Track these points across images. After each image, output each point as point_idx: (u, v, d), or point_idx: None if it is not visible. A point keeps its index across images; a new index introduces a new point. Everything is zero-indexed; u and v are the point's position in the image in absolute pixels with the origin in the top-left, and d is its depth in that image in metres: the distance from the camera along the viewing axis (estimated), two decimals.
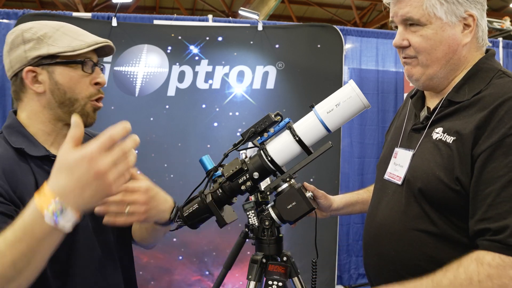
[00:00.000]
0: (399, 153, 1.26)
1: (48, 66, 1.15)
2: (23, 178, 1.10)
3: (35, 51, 1.13)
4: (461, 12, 1.12)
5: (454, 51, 1.14)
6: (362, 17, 10.74)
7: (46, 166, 1.15)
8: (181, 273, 3.19)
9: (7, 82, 3.24)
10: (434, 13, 1.11)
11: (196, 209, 1.36)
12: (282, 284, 1.34)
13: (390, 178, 1.26)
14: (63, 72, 1.16)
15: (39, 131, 1.19)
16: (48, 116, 1.18)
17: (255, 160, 1.33)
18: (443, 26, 1.12)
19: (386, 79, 4.09)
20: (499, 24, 5.91)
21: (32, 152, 1.14)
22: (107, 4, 9.22)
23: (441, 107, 1.17)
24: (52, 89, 1.16)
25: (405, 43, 1.17)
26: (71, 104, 1.17)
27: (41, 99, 1.17)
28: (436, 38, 1.13)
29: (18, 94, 1.19)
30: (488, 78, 1.12)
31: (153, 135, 3.12)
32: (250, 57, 3.23)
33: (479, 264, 0.98)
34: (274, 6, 7.80)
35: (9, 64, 1.17)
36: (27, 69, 1.14)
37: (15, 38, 1.16)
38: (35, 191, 0.83)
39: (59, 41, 1.15)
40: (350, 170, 3.99)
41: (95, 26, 3.12)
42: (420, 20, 1.13)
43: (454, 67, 1.17)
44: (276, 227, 1.36)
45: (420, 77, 1.19)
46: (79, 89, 1.18)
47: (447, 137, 1.11)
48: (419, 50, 1.15)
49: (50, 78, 1.15)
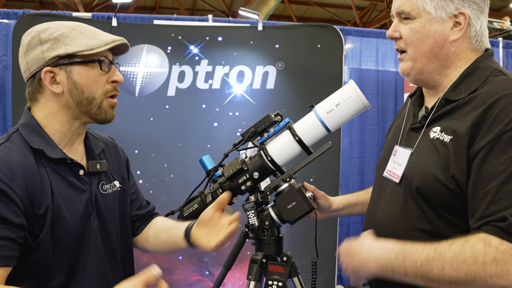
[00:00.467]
0: (399, 151, 1.26)
1: (66, 66, 1.14)
2: (41, 185, 1.11)
3: (53, 51, 1.13)
4: (452, 9, 1.14)
5: (441, 46, 1.16)
6: (362, 17, 10.74)
7: (61, 170, 1.16)
8: (181, 273, 3.19)
9: (7, 82, 3.24)
10: (424, 7, 1.15)
11: (196, 209, 1.37)
12: (282, 284, 1.34)
13: (389, 175, 1.27)
14: (81, 72, 1.16)
15: (56, 131, 1.19)
16: (66, 116, 1.18)
17: (255, 160, 1.33)
18: (431, 20, 1.16)
19: (386, 79, 4.09)
20: (499, 24, 5.91)
21: (50, 154, 1.14)
22: (107, 4, 9.22)
23: (438, 106, 1.18)
24: (71, 89, 1.16)
25: (396, 34, 1.22)
26: (89, 103, 1.18)
27: (59, 99, 1.17)
28: (423, 32, 1.17)
29: (35, 95, 1.18)
30: (484, 77, 1.13)
31: (153, 135, 3.12)
32: (250, 57, 3.23)
33: (486, 245, 0.96)
34: (274, 6, 7.80)
35: (26, 65, 1.16)
36: (46, 69, 1.13)
37: (31, 39, 1.15)
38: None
39: (76, 41, 1.15)
40: (350, 170, 3.99)
41: (95, 26, 3.06)
42: (411, 13, 1.17)
43: (443, 63, 1.19)
44: (276, 227, 1.36)
45: (410, 71, 1.22)
46: (96, 87, 1.18)
47: (444, 136, 1.12)
48: (407, 42, 1.20)
49: (68, 78, 1.15)
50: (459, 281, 0.98)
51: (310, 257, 1.42)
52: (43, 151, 1.13)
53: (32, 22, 3.01)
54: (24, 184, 1.07)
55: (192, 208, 1.37)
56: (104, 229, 1.25)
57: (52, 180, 1.13)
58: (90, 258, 1.19)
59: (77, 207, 1.17)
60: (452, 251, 0.98)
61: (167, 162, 3.12)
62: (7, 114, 3.29)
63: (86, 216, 1.19)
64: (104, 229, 1.25)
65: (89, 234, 1.20)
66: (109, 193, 1.29)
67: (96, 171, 1.25)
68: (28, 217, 1.07)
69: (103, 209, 1.25)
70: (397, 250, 1.05)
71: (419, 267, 1.00)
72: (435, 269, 0.99)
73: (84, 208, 1.19)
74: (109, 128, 1.24)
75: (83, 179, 1.21)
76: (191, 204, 1.38)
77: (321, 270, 2.89)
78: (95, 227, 1.22)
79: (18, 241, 1.05)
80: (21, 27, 2.92)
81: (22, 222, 1.05)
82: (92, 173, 1.24)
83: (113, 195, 1.30)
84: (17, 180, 1.06)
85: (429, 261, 0.99)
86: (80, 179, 1.20)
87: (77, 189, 1.18)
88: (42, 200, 1.10)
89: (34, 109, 1.20)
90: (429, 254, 1.00)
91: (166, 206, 1.59)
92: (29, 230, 1.08)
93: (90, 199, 1.21)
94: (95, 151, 1.29)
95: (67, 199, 1.15)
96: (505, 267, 0.94)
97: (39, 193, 1.09)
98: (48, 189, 1.11)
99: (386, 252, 1.07)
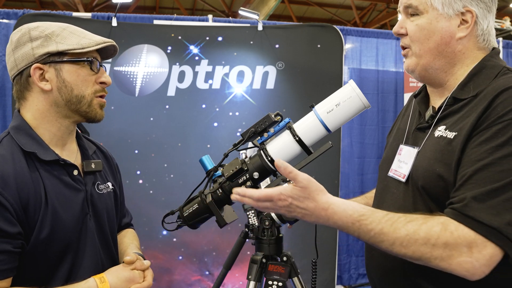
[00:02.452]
0: (404, 150, 1.25)
1: (55, 64, 1.14)
2: (34, 189, 1.11)
3: (43, 48, 1.13)
4: (459, 7, 1.14)
5: (447, 43, 1.16)
6: (362, 17, 10.74)
7: (55, 170, 1.16)
8: (181, 273, 3.19)
9: (7, 82, 3.24)
10: (431, 2, 1.15)
11: (196, 209, 1.36)
12: (282, 284, 1.34)
13: (394, 175, 1.26)
14: (71, 70, 1.16)
15: (46, 132, 1.18)
16: (55, 114, 1.18)
17: (255, 160, 1.33)
18: (438, 17, 1.15)
19: (386, 79, 4.08)
20: (499, 24, 5.92)
21: (43, 157, 1.14)
22: (107, 4, 9.22)
23: (446, 105, 1.18)
24: (60, 87, 1.16)
25: (403, 30, 1.21)
26: (78, 101, 1.18)
27: (48, 97, 1.16)
28: (429, 28, 1.16)
29: (23, 93, 1.18)
30: (493, 75, 1.13)
31: (153, 135, 3.12)
32: (250, 57, 3.23)
33: (442, 229, 0.98)
34: (274, 6, 7.80)
35: (13, 62, 1.16)
36: (35, 66, 1.13)
37: (21, 36, 1.15)
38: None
39: (67, 39, 1.15)
40: (350, 170, 3.98)
41: (95, 26, 3.12)
42: (418, 8, 1.17)
43: (450, 61, 1.18)
44: (276, 227, 1.36)
45: (415, 67, 1.21)
46: (85, 86, 1.18)
47: (448, 133, 1.11)
48: (413, 39, 1.19)
49: (58, 76, 1.15)
50: (404, 256, 1.01)
51: (310, 257, 1.42)
52: (35, 153, 1.13)
53: (32, 22, 3.01)
54: (17, 191, 1.07)
55: (192, 208, 1.37)
56: (100, 228, 1.26)
57: (46, 182, 1.13)
58: (87, 257, 1.20)
59: (74, 206, 1.18)
60: (406, 229, 1.00)
61: (167, 162, 3.12)
62: (7, 114, 3.29)
63: (83, 216, 1.20)
64: (100, 228, 1.26)
65: (85, 233, 1.20)
66: (105, 193, 1.30)
67: (91, 170, 1.25)
68: (22, 224, 1.07)
69: (99, 208, 1.26)
70: (355, 217, 1.05)
71: (372, 236, 1.03)
72: (385, 242, 1.02)
73: (80, 208, 1.19)
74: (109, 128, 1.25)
75: (78, 179, 1.21)
76: (191, 204, 1.38)
77: (321, 270, 2.89)
78: (91, 226, 1.22)
79: (16, 252, 1.06)
80: None
81: (17, 230, 1.06)
82: (87, 172, 1.25)
83: (108, 195, 1.32)
84: (9, 187, 1.06)
85: (382, 234, 1.02)
86: (74, 179, 1.20)
87: (72, 189, 1.19)
88: (36, 204, 1.10)
89: (22, 110, 1.20)
90: (384, 227, 1.02)
91: (166, 206, 1.59)
92: (25, 236, 1.08)
93: (86, 198, 1.21)
94: (89, 151, 1.30)
95: (63, 200, 1.15)
96: (452, 251, 0.96)
97: (33, 198, 1.09)
98: (42, 192, 1.11)
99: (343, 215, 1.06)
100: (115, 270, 1.19)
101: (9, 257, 1.05)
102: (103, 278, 1.14)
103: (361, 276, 4.03)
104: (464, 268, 0.96)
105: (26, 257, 1.09)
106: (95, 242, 1.23)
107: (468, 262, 0.96)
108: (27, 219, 1.08)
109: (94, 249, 1.22)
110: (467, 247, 0.96)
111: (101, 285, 1.12)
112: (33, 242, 1.09)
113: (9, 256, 1.05)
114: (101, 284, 1.12)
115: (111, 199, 1.33)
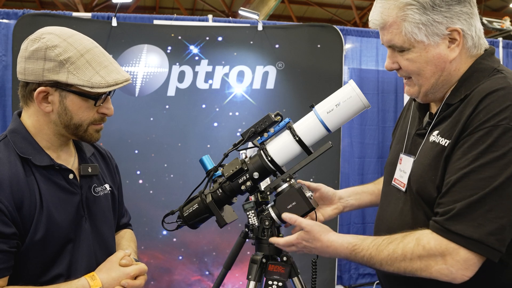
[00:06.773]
0: (404, 159, 1.28)
1: (61, 90, 1.13)
2: (29, 193, 1.12)
3: (54, 74, 1.10)
4: (443, 30, 1.12)
5: (442, 69, 1.16)
6: (362, 17, 10.73)
7: (51, 175, 1.17)
8: (181, 273, 3.19)
9: (7, 82, 3.24)
10: (414, 38, 1.13)
11: (196, 209, 1.37)
12: (282, 284, 1.34)
13: (396, 184, 1.29)
14: (75, 100, 1.15)
15: (44, 139, 1.20)
16: (52, 130, 1.19)
17: (255, 160, 1.33)
18: (426, 48, 1.13)
19: (386, 79, 4.08)
20: (499, 24, 5.91)
21: (38, 162, 1.15)
22: (107, 4, 9.22)
23: (440, 111, 1.19)
24: (60, 113, 1.15)
25: (395, 66, 1.20)
26: (76, 128, 1.18)
27: (48, 116, 1.17)
28: (421, 60, 1.15)
29: (26, 100, 1.18)
30: (483, 77, 1.13)
31: (153, 135, 3.12)
32: (250, 57, 3.23)
33: (415, 245, 1.09)
34: (274, 6, 7.80)
35: (22, 69, 1.13)
36: (40, 89, 1.11)
37: (37, 50, 1.11)
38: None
39: (80, 71, 1.11)
40: (350, 170, 3.98)
41: (95, 26, 3.12)
42: (403, 46, 1.15)
43: (447, 81, 1.18)
44: (276, 227, 1.36)
45: (417, 95, 1.23)
46: (85, 116, 1.18)
47: (440, 139, 1.13)
48: (408, 73, 1.19)
49: (61, 102, 1.14)
50: (393, 272, 1.13)
51: (310, 257, 1.42)
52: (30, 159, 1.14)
53: (32, 22, 3.01)
54: (11, 194, 1.08)
55: (192, 208, 1.37)
56: (96, 230, 1.27)
57: (42, 185, 1.14)
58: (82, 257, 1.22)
59: (69, 209, 1.19)
60: (388, 250, 1.12)
61: (167, 162, 3.12)
62: (7, 114, 3.29)
63: (78, 218, 1.22)
64: (96, 230, 1.27)
65: (80, 235, 1.22)
66: (101, 195, 1.31)
67: (88, 174, 1.26)
68: (16, 225, 1.09)
69: (95, 211, 1.27)
70: (350, 248, 1.20)
71: (365, 261, 1.17)
72: (376, 264, 1.15)
73: (75, 210, 1.21)
74: (109, 128, 1.25)
75: (73, 182, 1.22)
76: (191, 204, 1.38)
77: (321, 270, 2.89)
78: (86, 228, 1.24)
79: (12, 251, 1.08)
80: (21, 27, 2.93)
81: (12, 231, 1.08)
82: (83, 176, 1.26)
83: (105, 197, 1.33)
84: (3, 190, 1.07)
85: (371, 258, 1.15)
86: (70, 183, 1.21)
87: (67, 193, 1.20)
88: (31, 207, 1.11)
89: (24, 114, 1.20)
90: (372, 252, 1.15)
91: (166, 206, 1.59)
92: (19, 237, 1.10)
93: (81, 201, 1.23)
94: (86, 154, 1.31)
95: (58, 203, 1.17)
96: (428, 262, 1.07)
97: (28, 201, 1.11)
98: (37, 195, 1.13)
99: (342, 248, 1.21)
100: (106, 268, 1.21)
101: (5, 256, 1.07)
102: (94, 276, 1.17)
103: (361, 276, 4.04)
104: (443, 274, 1.06)
105: (21, 257, 1.11)
106: (90, 243, 1.24)
107: (444, 268, 1.05)
108: (22, 221, 1.10)
109: (89, 250, 1.24)
110: (441, 256, 1.05)
111: (92, 282, 1.15)
112: (28, 243, 1.11)
113: (5, 255, 1.07)
114: (92, 281, 1.15)
115: (108, 201, 1.35)
